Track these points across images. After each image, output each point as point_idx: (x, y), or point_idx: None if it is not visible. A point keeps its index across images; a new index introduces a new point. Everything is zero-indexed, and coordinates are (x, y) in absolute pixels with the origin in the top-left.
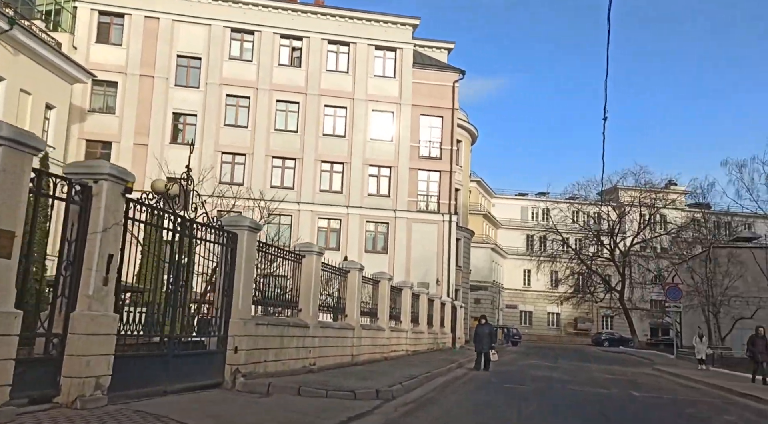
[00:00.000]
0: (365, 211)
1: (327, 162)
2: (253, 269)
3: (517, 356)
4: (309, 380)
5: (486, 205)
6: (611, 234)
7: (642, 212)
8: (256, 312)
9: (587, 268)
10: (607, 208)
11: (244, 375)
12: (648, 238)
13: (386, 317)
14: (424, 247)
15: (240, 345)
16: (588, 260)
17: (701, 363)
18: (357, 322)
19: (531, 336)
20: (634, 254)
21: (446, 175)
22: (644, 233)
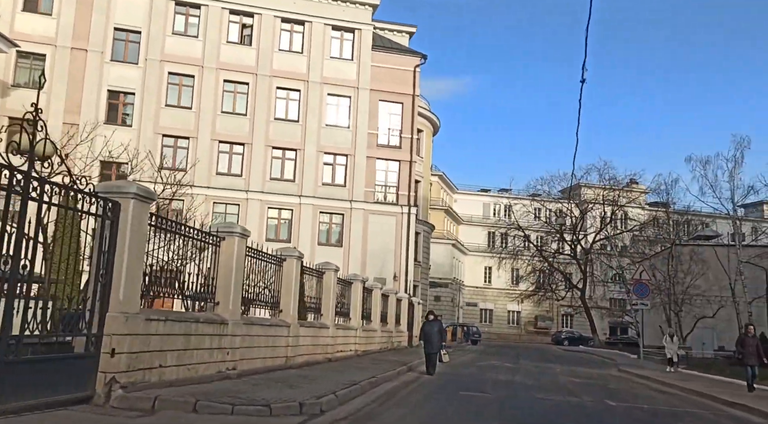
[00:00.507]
0: (319, 201)
1: (278, 148)
2: (144, 249)
3: (477, 356)
4: (218, 389)
5: (448, 200)
6: (574, 231)
7: (604, 209)
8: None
9: (549, 265)
10: (569, 204)
11: (124, 386)
12: (610, 235)
13: (331, 314)
14: (381, 240)
15: (119, 347)
16: (550, 257)
17: (670, 364)
18: (294, 318)
19: (491, 335)
20: (596, 252)
21: (406, 165)
22: (606, 230)
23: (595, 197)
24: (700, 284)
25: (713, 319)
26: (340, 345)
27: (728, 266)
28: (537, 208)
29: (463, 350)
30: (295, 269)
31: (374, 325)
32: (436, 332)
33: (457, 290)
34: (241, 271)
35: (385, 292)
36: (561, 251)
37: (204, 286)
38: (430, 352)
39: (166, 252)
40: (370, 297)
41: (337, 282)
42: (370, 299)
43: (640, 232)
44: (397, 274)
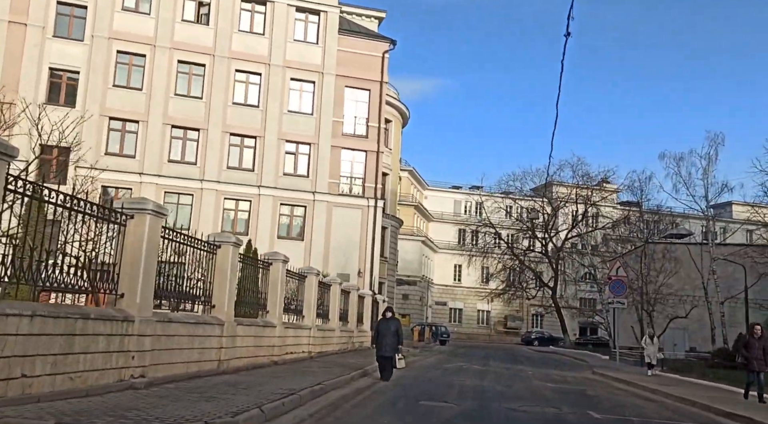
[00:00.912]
0: (280, 192)
1: (237, 135)
2: None
3: (444, 357)
4: (107, 405)
5: (418, 196)
6: (545, 228)
7: (577, 206)
8: None
9: (520, 263)
10: (541, 201)
11: None
12: (583, 232)
13: (278, 311)
14: (345, 234)
15: None
16: (521, 254)
17: (650, 368)
18: (229, 315)
19: (460, 334)
20: (567, 250)
21: (373, 155)
22: (579, 228)
23: (568, 194)
24: (673, 283)
25: (685, 319)
26: (290, 346)
27: (701, 264)
28: (509, 205)
29: (430, 350)
30: (231, 259)
31: (332, 324)
32: (393, 333)
33: (426, 288)
34: (154, 257)
35: (346, 288)
36: (532, 249)
37: (104, 274)
38: (383, 355)
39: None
40: (327, 293)
41: (286, 275)
42: (327, 295)
43: (612, 229)
44: (361, 270)
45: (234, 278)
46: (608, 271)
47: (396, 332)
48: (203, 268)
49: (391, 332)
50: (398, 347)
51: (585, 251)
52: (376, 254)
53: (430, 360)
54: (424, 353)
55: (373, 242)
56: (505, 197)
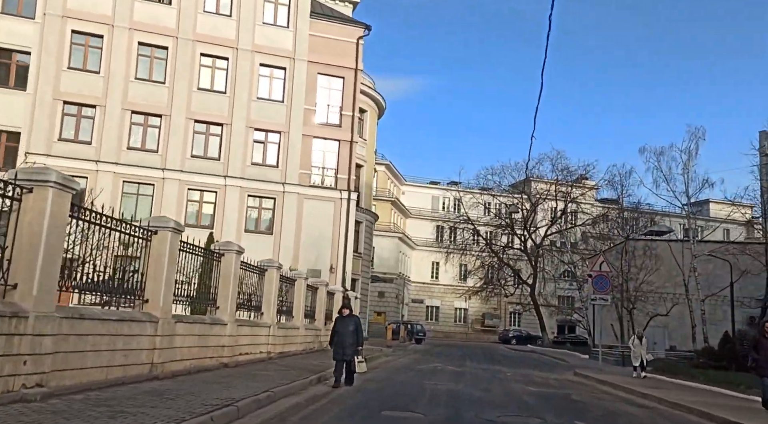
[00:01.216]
0: (248, 183)
1: (202, 122)
2: None
3: (419, 357)
4: None
5: (395, 192)
6: (524, 225)
7: (557, 202)
8: None
9: (498, 260)
10: (521, 197)
11: None
12: (563, 228)
13: (230, 307)
14: (317, 228)
15: None
16: (499, 251)
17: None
18: (166, 312)
19: (437, 333)
20: (546, 247)
21: (346, 145)
22: (558, 224)
23: (547, 190)
24: (654, 280)
25: (665, 317)
26: (244, 346)
27: (682, 261)
28: (487, 201)
29: (404, 350)
30: (169, 247)
31: (296, 322)
32: (351, 332)
33: (403, 285)
34: (58, 241)
35: (314, 283)
36: (511, 246)
37: None
38: (341, 358)
39: None
40: (292, 289)
41: (243, 268)
42: (292, 290)
43: (593, 226)
44: (333, 266)
45: (173, 270)
46: (591, 266)
47: (355, 331)
48: (135, 257)
49: (350, 332)
50: (358, 348)
51: (564, 249)
52: (349, 249)
53: (403, 361)
54: (397, 353)
55: (346, 237)
56: (483, 193)
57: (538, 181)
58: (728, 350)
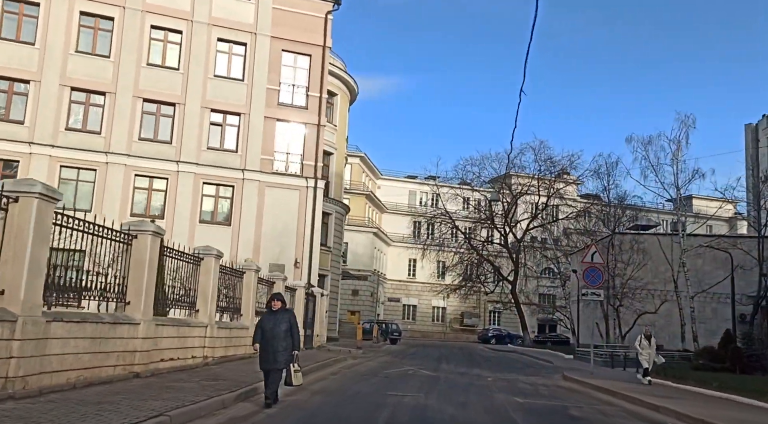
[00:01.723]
0: (203, 169)
1: (152, 101)
2: None
3: (391, 359)
4: None
5: (371, 185)
6: (505, 218)
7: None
8: None
9: (478, 255)
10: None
11: None
12: (545, 222)
13: (144, 302)
14: (280, 219)
15: None
16: (479, 246)
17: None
18: (31, 308)
19: (414, 332)
20: (528, 243)
21: (313, 129)
22: (541, 217)
23: (529, 183)
24: (641, 276)
25: (656, 314)
26: (167, 351)
27: (671, 256)
28: (467, 197)
29: (377, 351)
30: (33, 222)
31: (245, 321)
32: (284, 333)
33: (378, 283)
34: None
35: (271, 277)
36: (491, 240)
37: None
38: (272, 367)
39: None
40: (240, 283)
41: (168, 255)
42: (240, 285)
43: (576, 219)
44: (298, 260)
45: (42, 249)
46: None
47: (289, 330)
48: None
49: (282, 332)
50: (293, 353)
51: (547, 244)
52: (316, 243)
53: (371, 364)
54: (367, 355)
55: (312, 229)
56: (462, 188)
57: (520, 175)
58: (732, 350)
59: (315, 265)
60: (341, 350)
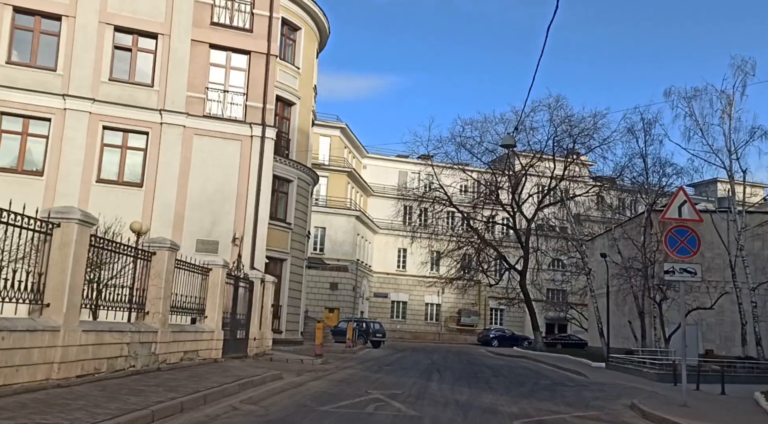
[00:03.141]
0: (103, 108)
1: (25, 12)
2: None
3: (357, 374)
4: None
5: (355, 164)
6: (512, 193)
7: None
8: None
9: (478, 238)
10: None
11: None
12: (566, 197)
13: None
14: (213, 180)
15: None
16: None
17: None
18: None
19: (404, 333)
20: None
21: (260, 60)
22: (558, 189)
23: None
24: None
25: (712, 310)
26: None
27: (727, 238)
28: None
29: (346, 359)
30: None
31: (153, 321)
32: None
33: (362, 276)
34: None
35: (208, 263)
36: (494, 219)
37: None
38: None
39: None
40: (147, 268)
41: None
42: (146, 270)
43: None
44: (237, 236)
45: None
46: (665, 210)
47: None
48: None
49: None
50: None
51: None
52: (263, 213)
53: (320, 385)
54: (329, 366)
55: (258, 194)
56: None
57: (521, 154)
58: None
59: (261, 243)
60: (289, 360)
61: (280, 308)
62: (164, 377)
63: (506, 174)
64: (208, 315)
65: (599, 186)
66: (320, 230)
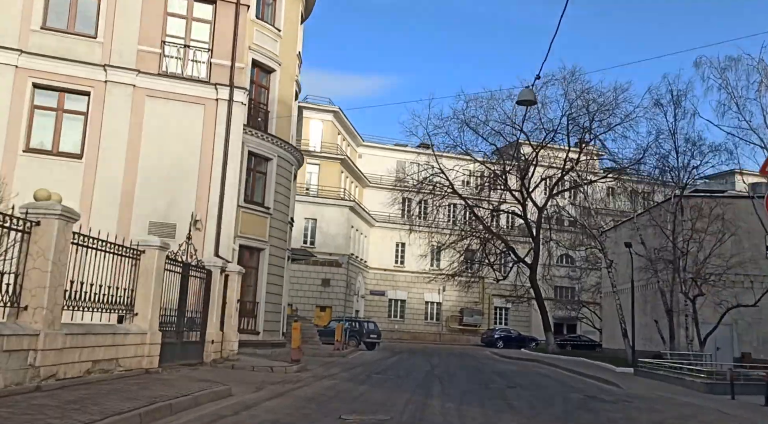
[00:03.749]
0: (33, 61)
1: None
2: None
3: (338, 387)
4: None
5: (350, 153)
6: (522, 177)
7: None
8: None
9: (484, 228)
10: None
11: None
12: (584, 182)
13: None
14: (170, 152)
15: None
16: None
17: None
18: None
19: (402, 334)
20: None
21: (229, 10)
22: (575, 171)
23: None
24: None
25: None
26: None
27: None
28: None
29: (331, 364)
30: None
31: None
32: None
33: (353, 271)
34: None
35: (144, 244)
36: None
37: None
38: None
39: None
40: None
41: None
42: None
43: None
44: (200, 220)
45: None
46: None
47: None
48: None
49: None
50: None
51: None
52: (230, 192)
53: (281, 404)
54: (306, 375)
55: (224, 169)
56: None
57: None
58: None
59: (229, 228)
60: (256, 368)
61: (257, 305)
62: (25, 405)
63: (514, 157)
64: (139, 312)
65: (619, 169)
66: (311, 221)
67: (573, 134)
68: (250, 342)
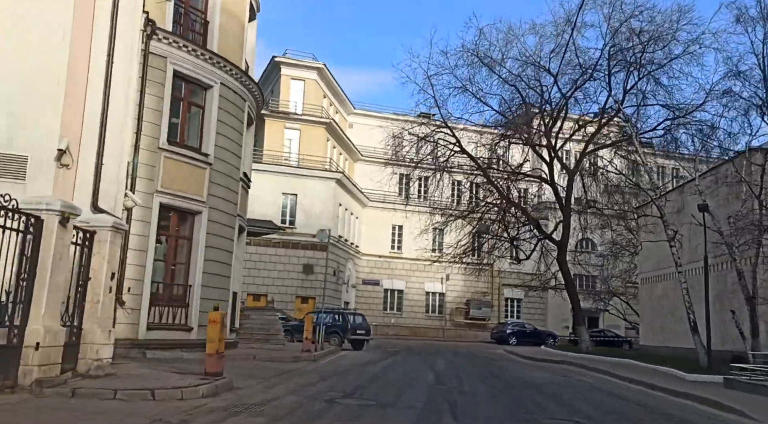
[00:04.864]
0: None
1: None
2: None
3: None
4: None
5: (339, 120)
6: (548, 131)
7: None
8: None
9: (500, 194)
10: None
11: None
12: (631, 133)
13: None
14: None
15: None
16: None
17: None
18: None
19: (400, 329)
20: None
21: None
22: (621, 115)
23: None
24: None
25: None
26: None
27: None
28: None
29: (288, 374)
30: None
31: None
32: None
33: (342, 257)
34: None
35: None
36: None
37: None
38: None
39: None
40: None
41: None
42: None
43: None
44: (67, 148)
45: None
46: None
47: None
48: None
49: None
50: None
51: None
52: (118, 111)
53: None
54: (243, 392)
55: (108, 75)
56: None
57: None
58: None
59: (116, 166)
60: (122, 396)
61: (190, 290)
62: None
63: (538, 106)
64: None
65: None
66: (290, 197)
67: (615, 72)
68: (178, 342)
